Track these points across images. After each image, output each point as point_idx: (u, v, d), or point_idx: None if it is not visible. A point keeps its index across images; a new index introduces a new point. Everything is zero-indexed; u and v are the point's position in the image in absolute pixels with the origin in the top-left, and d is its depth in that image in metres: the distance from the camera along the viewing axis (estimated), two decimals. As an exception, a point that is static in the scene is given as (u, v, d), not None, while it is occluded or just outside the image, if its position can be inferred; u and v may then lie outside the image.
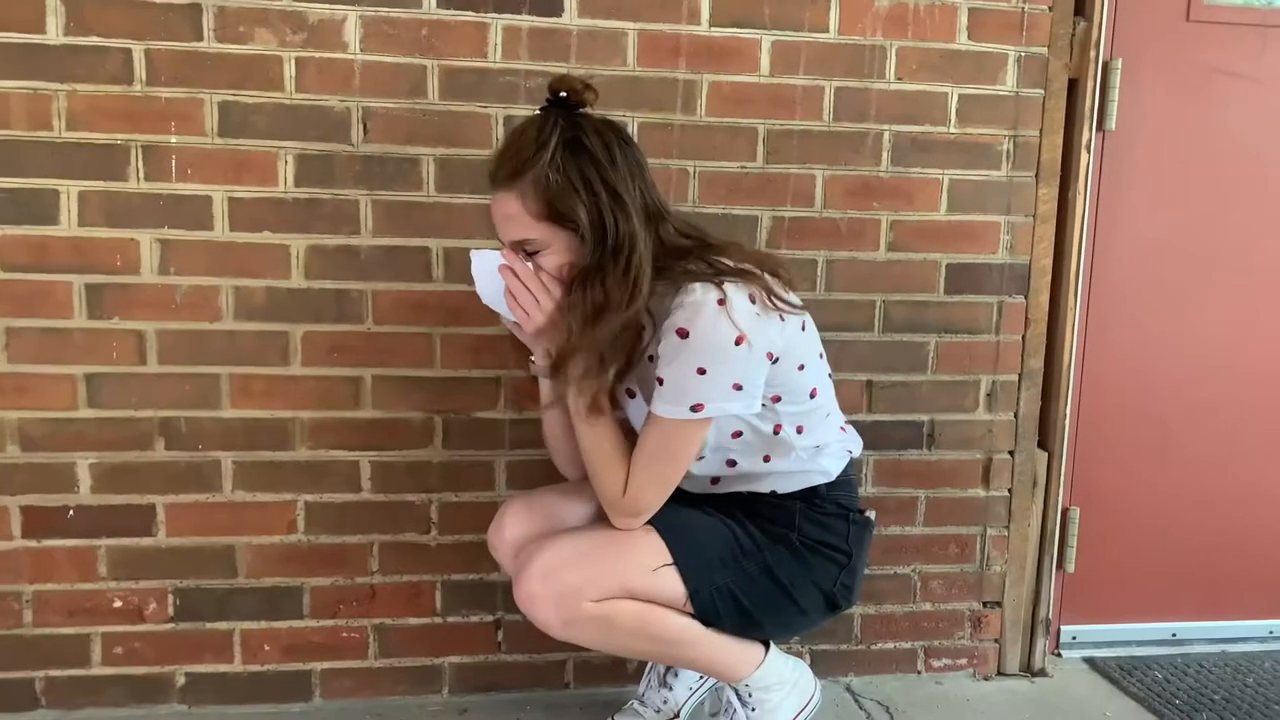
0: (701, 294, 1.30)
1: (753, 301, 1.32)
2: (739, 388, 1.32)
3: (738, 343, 1.29)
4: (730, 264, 1.34)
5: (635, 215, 1.32)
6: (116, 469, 1.69)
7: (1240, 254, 2.04)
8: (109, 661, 1.74)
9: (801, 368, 1.41)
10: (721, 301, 1.29)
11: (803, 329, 1.40)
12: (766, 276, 1.35)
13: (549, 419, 1.54)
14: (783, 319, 1.35)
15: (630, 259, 1.31)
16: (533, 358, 1.46)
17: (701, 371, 1.30)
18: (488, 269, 1.39)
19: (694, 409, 1.32)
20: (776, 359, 1.36)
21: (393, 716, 1.77)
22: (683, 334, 1.30)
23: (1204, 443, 2.10)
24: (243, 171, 1.65)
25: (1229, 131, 2.00)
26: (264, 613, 1.77)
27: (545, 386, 1.50)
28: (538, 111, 1.36)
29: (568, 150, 1.31)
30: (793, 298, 1.39)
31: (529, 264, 1.36)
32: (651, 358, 1.38)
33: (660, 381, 1.33)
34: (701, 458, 1.45)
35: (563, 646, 1.77)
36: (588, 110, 1.37)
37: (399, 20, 1.65)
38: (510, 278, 1.36)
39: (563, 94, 1.34)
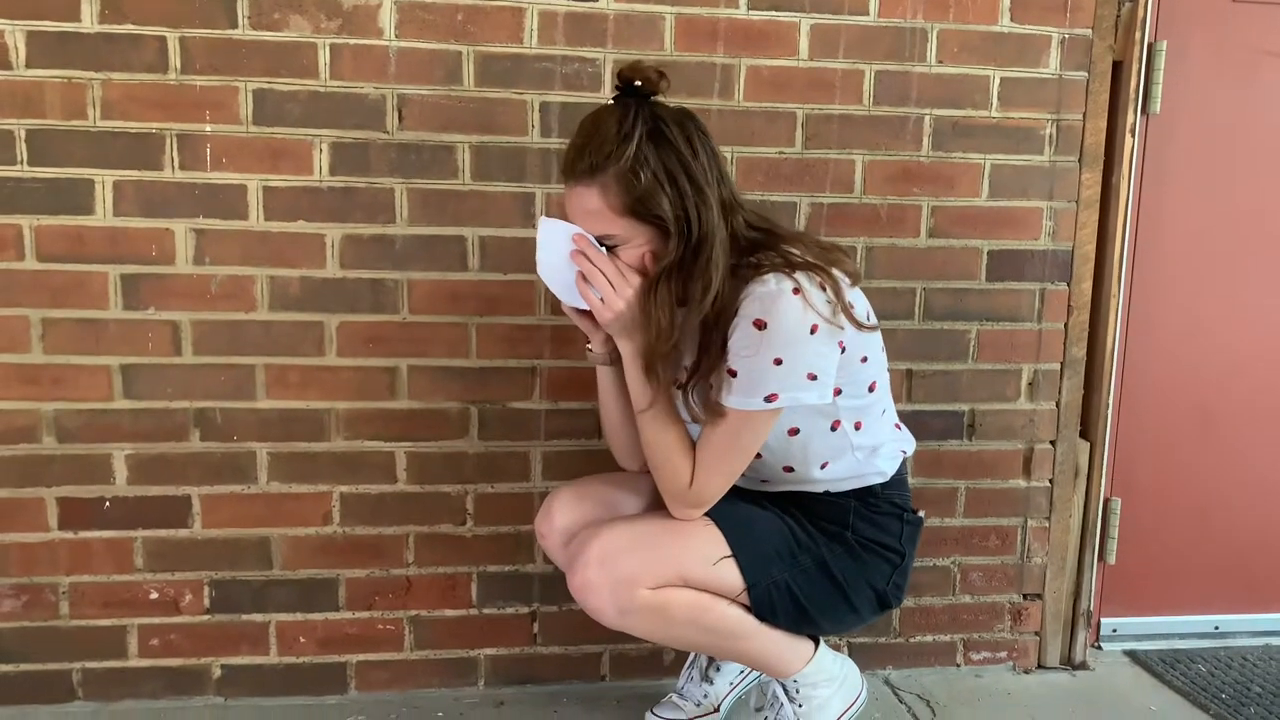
0: (775, 284, 1.27)
1: (823, 290, 1.29)
2: (813, 377, 1.30)
3: (813, 331, 1.27)
4: (799, 257, 1.31)
5: (715, 208, 1.29)
6: (152, 460, 1.69)
7: (1287, 240, 2.01)
8: (145, 653, 1.74)
9: (865, 360, 1.38)
10: (796, 290, 1.26)
11: (868, 318, 1.38)
12: (834, 272, 1.32)
13: (607, 410, 1.51)
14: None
15: (711, 253, 1.29)
16: (590, 345, 1.44)
17: (778, 362, 1.27)
18: (555, 240, 1.33)
19: (767, 399, 1.29)
20: (845, 349, 1.33)
21: (428, 709, 1.76)
22: (760, 325, 1.27)
23: (1247, 432, 2.06)
24: (278, 160, 1.64)
25: (1276, 114, 1.95)
26: (299, 605, 1.76)
27: (604, 374, 1.47)
28: (610, 101, 1.32)
29: (651, 142, 1.27)
30: (858, 295, 1.36)
31: (603, 250, 1.32)
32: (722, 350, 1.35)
33: (733, 374, 1.30)
34: (759, 456, 1.42)
35: (599, 638, 1.76)
36: (661, 99, 1.32)
37: (434, 5, 1.63)
38: (585, 263, 1.31)
39: (636, 83, 1.29)
